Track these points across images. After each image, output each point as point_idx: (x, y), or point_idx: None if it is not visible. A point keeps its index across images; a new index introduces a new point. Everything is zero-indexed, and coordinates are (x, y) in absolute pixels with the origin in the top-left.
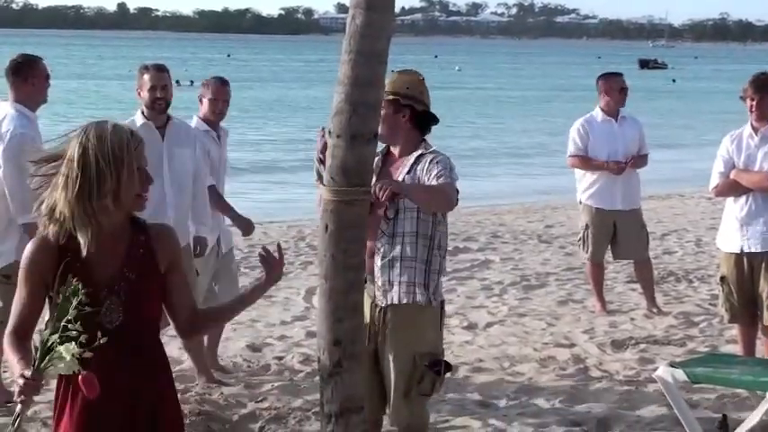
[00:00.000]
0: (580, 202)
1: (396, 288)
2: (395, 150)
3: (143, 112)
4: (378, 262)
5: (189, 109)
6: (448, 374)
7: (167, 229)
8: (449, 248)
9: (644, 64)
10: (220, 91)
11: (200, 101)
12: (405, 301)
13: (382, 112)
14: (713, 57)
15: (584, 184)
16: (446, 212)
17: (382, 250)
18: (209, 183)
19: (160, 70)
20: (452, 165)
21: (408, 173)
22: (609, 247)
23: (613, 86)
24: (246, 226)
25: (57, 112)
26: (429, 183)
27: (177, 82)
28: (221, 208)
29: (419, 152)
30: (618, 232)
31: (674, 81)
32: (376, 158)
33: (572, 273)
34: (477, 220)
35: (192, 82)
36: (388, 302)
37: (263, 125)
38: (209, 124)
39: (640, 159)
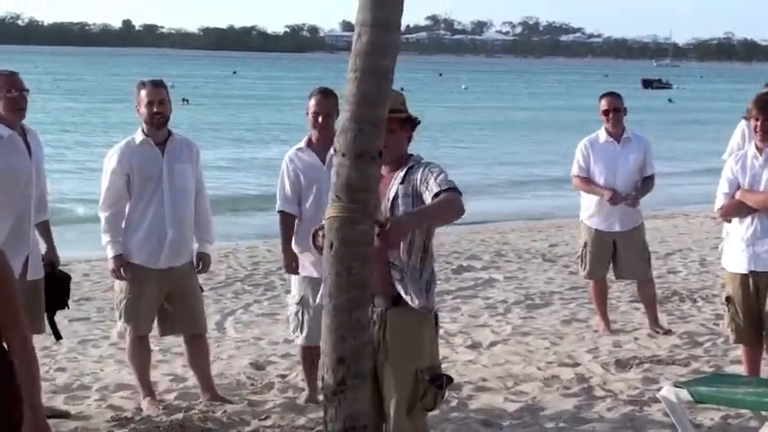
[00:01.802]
0: (582, 221)
1: (392, 296)
2: (384, 166)
3: (143, 129)
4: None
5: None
6: (451, 392)
7: None
8: (453, 267)
9: (648, 84)
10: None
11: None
12: (402, 309)
13: (390, 130)
14: (718, 76)
15: (585, 203)
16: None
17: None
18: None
19: (157, 86)
20: (444, 169)
21: (402, 183)
22: (611, 266)
23: (605, 107)
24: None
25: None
26: (430, 190)
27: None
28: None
29: (409, 164)
30: (618, 252)
31: (670, 101)
32: None
33: (576, 292)
34: (481, 238)
35: (185, 100)
36: (384, 308)
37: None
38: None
39: (645, 186)
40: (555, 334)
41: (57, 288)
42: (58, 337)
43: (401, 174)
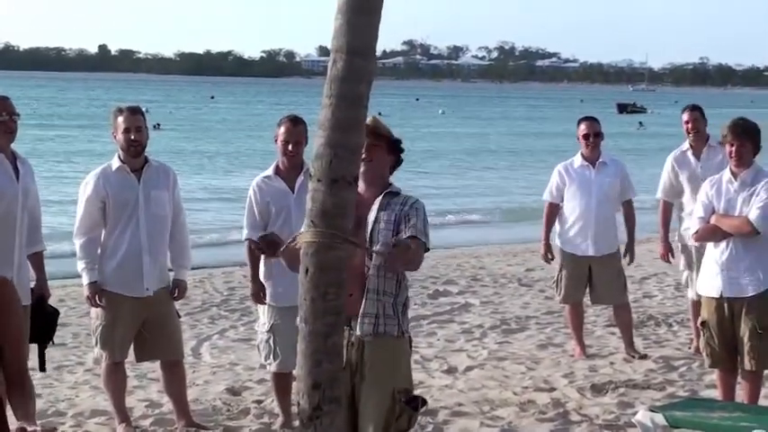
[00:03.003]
0: (557, 245)
1: (368, 320)
2: (362, 191)
3: (119, 156)
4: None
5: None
6: (427, 417)
7: None
8: (429, 292)
9: (622, 108)
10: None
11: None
12: (379, 331)
13: (374, 154)
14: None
15: (559, 227)
16: None
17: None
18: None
19: (134, 112)
20: (426, 214)
21: (384, 210)
22: (587, 291)
23: (584, 131)
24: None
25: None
26: (408, 229)
27: (157, 125)
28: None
29: (390, 190)
30: (593, 277)
31: (641, 124)
32: None
33: (552, 317)
34: (457, 263)
35: (157, 125)
36: (363, 333)
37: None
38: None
39: (628, 217)
40: (531, 359)
41: (44, 321)
42: (42, 368)
43: (380, 199)
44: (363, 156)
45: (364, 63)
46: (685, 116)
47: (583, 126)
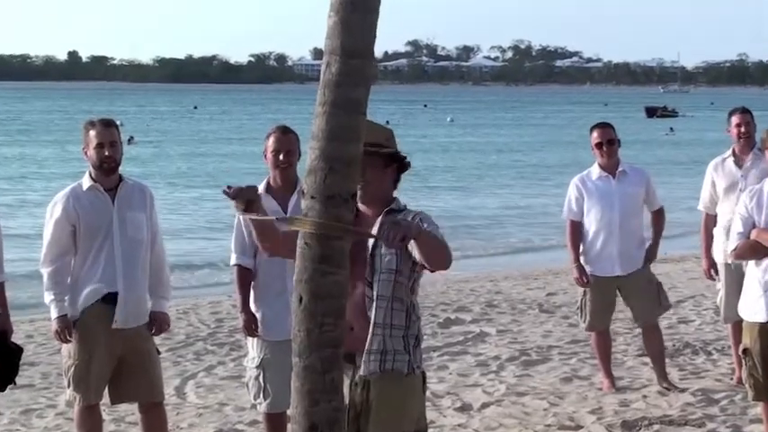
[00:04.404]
0: None
1: (374, 357)
2: (365, 208)
3: (90, 174)
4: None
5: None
6: None
7: None
8: (440, 320)
9: (651, 112)
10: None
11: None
12: (386, 368)
13: (368, 168)
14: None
15: (581, 247)
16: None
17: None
18: None
19: (107, 125)
20: (436, 221)
21: None
22: (617, 315)
23: (597, 140)
24: None
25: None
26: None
27: (131, 139)
28: None
29: (393, 206)
30: (626, 299)
31: (671, 130)
32: None
33: (577, 346)
34: (470, 287)
35: (130, 139)
36: (368, 372)
37: None
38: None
39: (656, 227)
40: (554, 393)
41: (5, 360)
42: None
43: (381, 217)
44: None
45: (361, 66)
46: (736, 119)
47: (595, 134)
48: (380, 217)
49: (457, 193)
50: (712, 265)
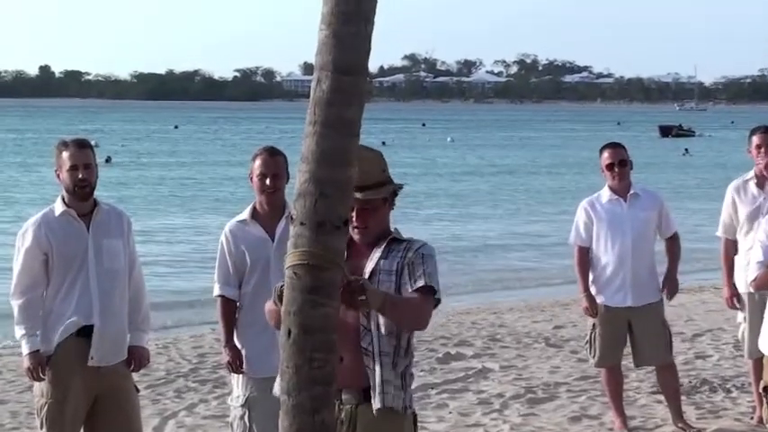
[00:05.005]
0: None
1: (380, 389)
2: (357, 239)
3: (63, 199)
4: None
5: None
6: None
7: None
8: (438, 355)
9: (666, 131)
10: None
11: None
12: (377, 406)
13: (370, 216)
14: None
15: (590, 275)
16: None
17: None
18: None
19: (82, 146)
20: (436, 262)
21: (385, 258)
22: (629, 350)
23: (608, 161)
24: None
25: None
26: (414, 279)
27: (108, 159)
28: None
29: (392, 236)
30: (635, 334)
31: (686, 151)
32: None
33: (586, 383)
34: (472, 320)
35: (108, 158)
36: (376, 407)
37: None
38: None
39: (672, 254)
40: None
41: None
42: None
43: (382, 246)
44: (355, 223)
45: (355, 82)
46: (757, 139)
47: (606, 154)
48: (382, 245)
49: (457, 219)
50: (735, 293)
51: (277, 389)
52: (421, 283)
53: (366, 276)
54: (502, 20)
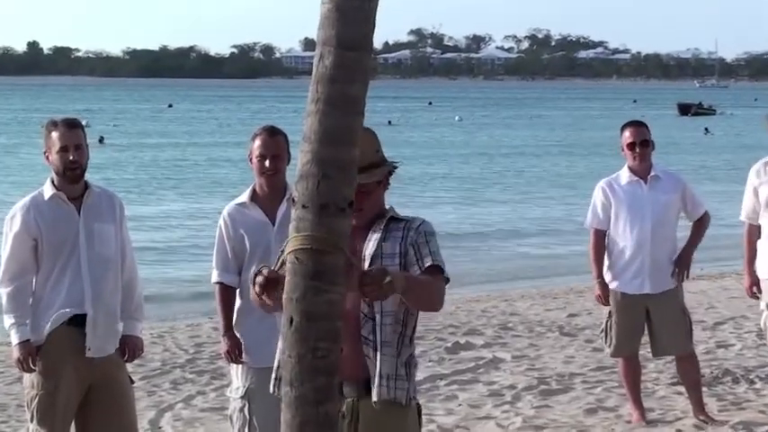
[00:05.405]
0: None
1: (384, 381)
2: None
3: (53, 181)
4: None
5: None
6: None
7: None
8: (447, 345)
9: (685, 109)
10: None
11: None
12: (382, 397)
13: (364, 198)
14: None
15: (607, 261)
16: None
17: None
18: None
19: (72, 126)
20: (436, 237)
21: (384, 240)
22: (647, 339)
23: (630, 140)
24: None
25: None
26: (420, 259)
27: (101, 139)
28: None
29: (389, 215)
30: (653, 322)
31: (707, 130)
32: None
33: (602, 373)
34: (482, 308)
35: (101, 138)
36: (379, 399)
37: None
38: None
39: (695, 228)
40: (577, 427)
41: None
42: None
43: (380, 227)
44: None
45: (359, 58)
46: None
47: (627, 133)
48: (381, 226)
49: (465, 202)
50: (755, 281)
51: (272, 385)
52: (429, 262)
53: (367, 260)
54: None
